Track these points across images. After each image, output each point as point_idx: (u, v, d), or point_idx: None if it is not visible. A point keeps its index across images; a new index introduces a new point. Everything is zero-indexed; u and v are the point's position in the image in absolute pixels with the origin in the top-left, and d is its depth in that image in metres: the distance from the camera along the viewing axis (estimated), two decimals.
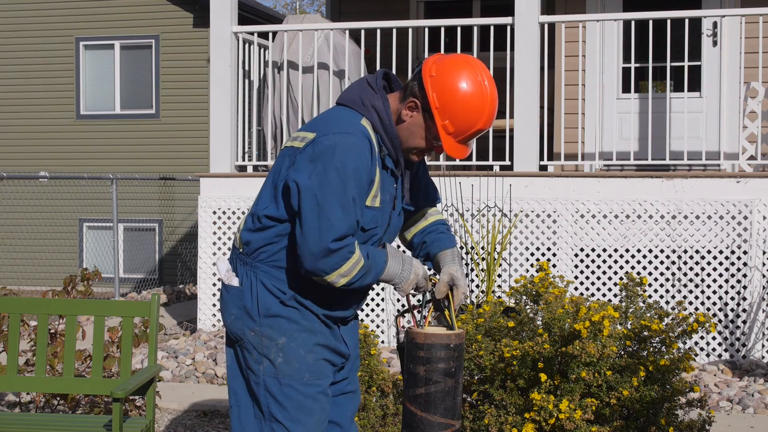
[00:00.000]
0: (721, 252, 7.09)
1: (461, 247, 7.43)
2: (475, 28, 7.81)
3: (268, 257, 2.85)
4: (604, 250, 7.30)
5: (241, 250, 2.90)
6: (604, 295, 7.26)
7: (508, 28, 7.71)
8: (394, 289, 2.92)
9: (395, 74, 2.99)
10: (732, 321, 7.06)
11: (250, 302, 2.85)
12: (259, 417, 2.87)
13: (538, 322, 4.26)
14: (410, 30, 8.07)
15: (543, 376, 3.91)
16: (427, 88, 2.77)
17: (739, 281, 7.05)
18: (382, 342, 7.57)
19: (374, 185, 2.81)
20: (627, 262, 7.25)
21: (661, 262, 7.19)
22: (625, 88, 9.03)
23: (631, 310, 4.37)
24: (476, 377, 4.25)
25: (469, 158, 7.86)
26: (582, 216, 7.30)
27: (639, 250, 7.23)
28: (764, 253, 7.00)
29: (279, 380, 2.84)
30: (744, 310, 7.04)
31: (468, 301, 7.17)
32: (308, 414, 2.86)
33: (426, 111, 2.79)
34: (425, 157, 3.06)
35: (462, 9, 10.56)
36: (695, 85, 8.97)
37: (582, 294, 7.28)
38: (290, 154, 2.83)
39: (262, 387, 2.85)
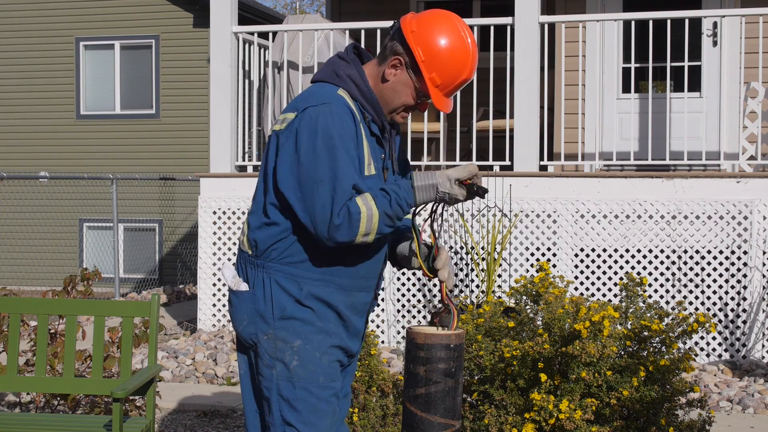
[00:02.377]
0: (721, 252, 7.09)
1: (461, 247, 7.43)
2: (475, 28, 7.80)
3: (279, 255, 2.80)
4: (604, 250, 7.31)
5: (250, 253, 2.86)
6: (604, 295, 7.26)
7: (508, 28, 7.71)
8: (441, 197, 2.82)
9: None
10: (732, 321, 7.06)
11: (263, 304, 2.81)
12: (271, 422, 2.83)
13: (538, 322, 4.26)
14: None
15: (543, 376, 3.91)
16: (410, 43, 2.79)
17: (739, 281, 7.05)
18: (382, 342, 7.57)
19: (365, 152, 2.79)
20: (627, 262, 7.25)
21: (661, 262, 7.19)
22: (625, 88, 9.03)
23: (631, 310, 4.37)
24: (476, 377, 4.25)
25: (469, 158, 7.86)
26: (582, 216, 7.30)
27: (639, 250, 7.23)
28: (764, 253, 7.00)
29: (293, 383, 2.80)
30: (744, 310, 7.04)
31: (468, 301, 7.17)
32: (322, 417, 2.83)
33: (411, 67, 2.81)
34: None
35: (462, 9, 10.56)
36: (695, 85, 8.97)
37: (582, 294, 7.28)
38: (276, 139, 2.82)
39: (275, 391, 2.81)
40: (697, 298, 7.13)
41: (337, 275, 2.82)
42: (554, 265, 7.31)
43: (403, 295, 7.67)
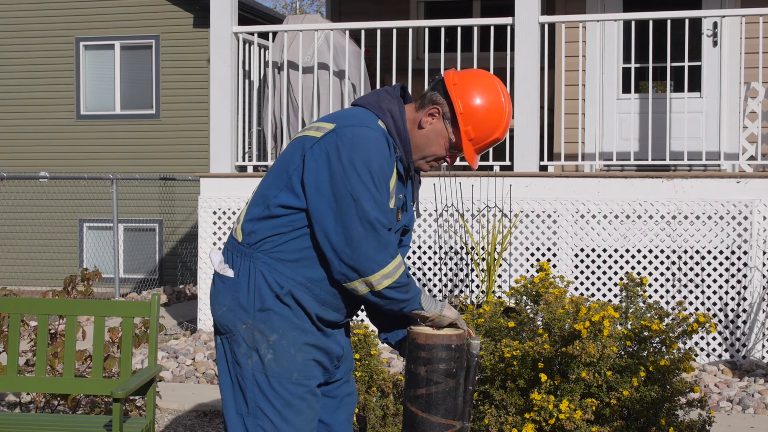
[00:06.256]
0: (721, 252, 7.09)
1: (461, 247, 7.43)
2: (475, 28, 7.81)
3: (272, 248, 2.82)
4: (605, 251, 7.31)
5: (240, 240, 2.87)
6: (604, 295, 7.26)
7: (508, 28, 7.71)
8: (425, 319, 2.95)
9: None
10: (732, 321, 7.06)
11: (246, 294, 2.83)
12: (243, 412, 2.84)
13: (538, 323, 4.26)
14: (410, 30, 8.06)
15: (543, 377, 3.91)
16: (451, 94, 2.88)
17: (739, 281, 7.05)
18: (382, 342, 7.56)
19: (391, 186, 2.84)
20: (627, 262, 7.25)
21: (662, 263, 7.19)
22: (626, 89, 9.03)
23: (631, 311, 4.37)
24: (476, 377, 4.25)
25: None
26: (582, 216, 7.30)
27: (639, 251, 7.23)
28: (764, 253, 7.00)
29: (267, 377, 2.82)
30: (744, 311, 7.04)
31: (468, 301, 7.17)
32: (296, 413, 2.84)
33: (448, 118, 2.90)
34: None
35: (462, 9, 10.56)
36: (695, 86, 8.97)
37: (582, 294, 7.28)
38: (304, 143, 2.84)
39: (251, 381, 2.82)
40: (697, 298, 7.13)
41: (317, 287, 2.85)
42: (554, 265, 7.31)
43: None
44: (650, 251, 7.21)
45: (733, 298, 7.06)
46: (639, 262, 7.23)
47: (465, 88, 2.89)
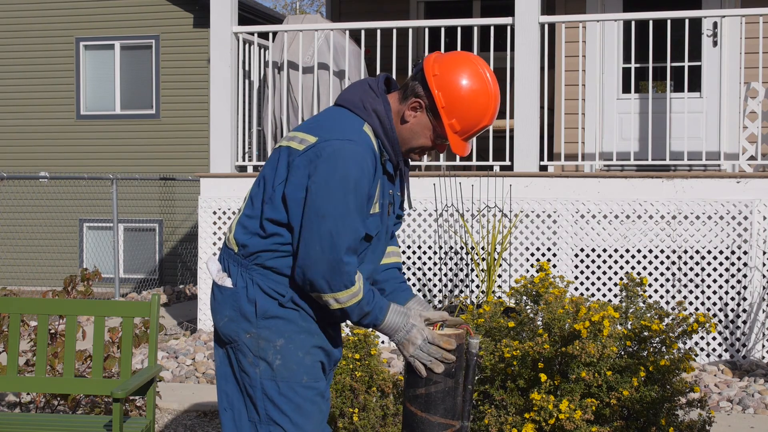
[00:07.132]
0: (721, 252, 7.09)
1: (461, 247, 7.43)
2: (475, 28, 7.81)
3: (264, 261, 2.80)
4: (605, 251, 7.31)
5: (235, 251, 2.84)
6: (604, 295, 7.26)
7: (508, 28, 7.71)
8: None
9: (395, 76, 2.98)
10: (732, 321, 7.06)
11: (247, 304, 2.79)
12: (255, 420, 2.82)
13: (538, 323, 4.26)
14: (410, 30, 8.07)
15: (543, 377, 3.91)
16: (432, 87, 2.75)
17: (739, 281, 7.05)
18: (382, 342, 7.57)
19: (376, 192, 2.77)
20: (627, 262, 7.25)
21: (662, 263, 7.19)
22: (626, 89, 9.03)
23: (631, 311, 4.37)
24: (476, 377, 4.25)
25: (469, 158, 7.86)
26: (582, 216, 7.30)
27: (639, 251, 7.23)
28: (764, 253, 7.00)
29: (277, 383, 2.79)
30: (744, 311, 7.04)
31: (468, 301, 7.17)
32: (307, 417, 2.82)
33: (431, 111, 2.78)
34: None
35: (462, 9, 10.56)
36: (695, 86, 8.97)
37: (582, 294, 7.28)
38: (287, 155, 2.78)
39: (259, 390, 2.80)
40: (697, 298, 7.13)
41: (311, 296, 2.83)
42: (554, 265, 7.31)
43: None
44: (650, 251, 7.21)
45: (733, 298, 7.06)
46: (639, 262, 7.23)
47: (446, 78, 2.74)
